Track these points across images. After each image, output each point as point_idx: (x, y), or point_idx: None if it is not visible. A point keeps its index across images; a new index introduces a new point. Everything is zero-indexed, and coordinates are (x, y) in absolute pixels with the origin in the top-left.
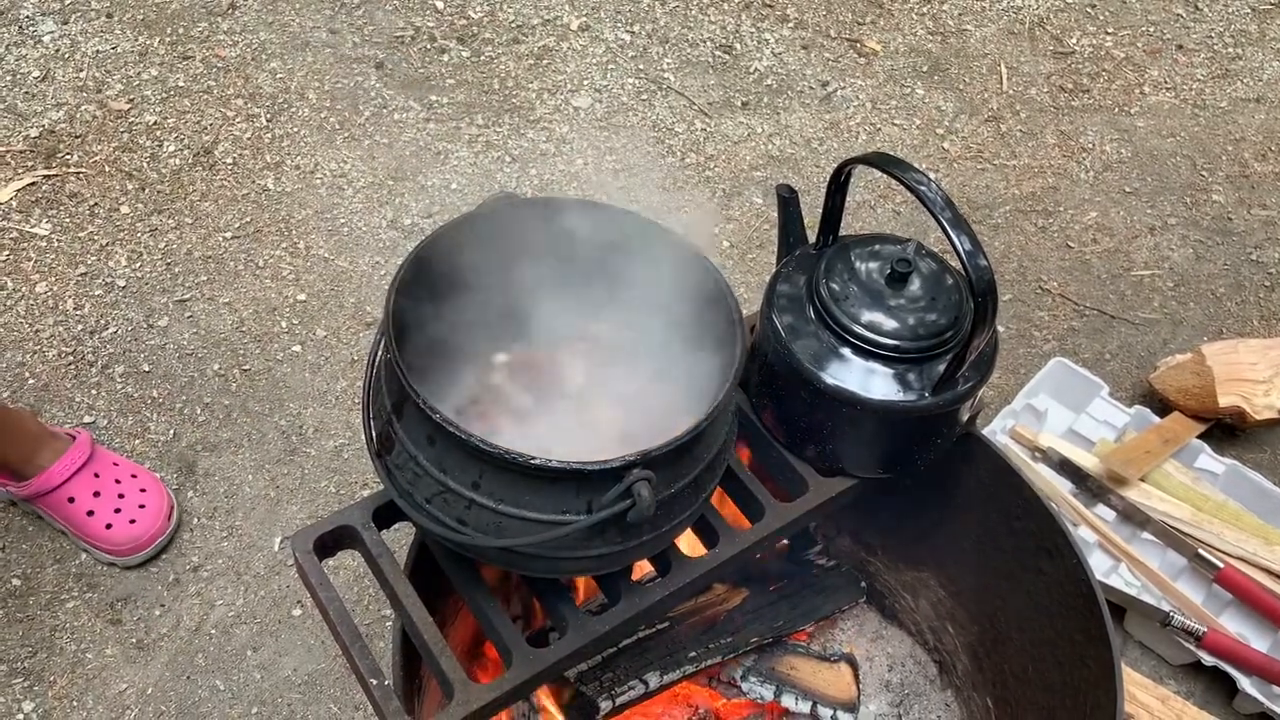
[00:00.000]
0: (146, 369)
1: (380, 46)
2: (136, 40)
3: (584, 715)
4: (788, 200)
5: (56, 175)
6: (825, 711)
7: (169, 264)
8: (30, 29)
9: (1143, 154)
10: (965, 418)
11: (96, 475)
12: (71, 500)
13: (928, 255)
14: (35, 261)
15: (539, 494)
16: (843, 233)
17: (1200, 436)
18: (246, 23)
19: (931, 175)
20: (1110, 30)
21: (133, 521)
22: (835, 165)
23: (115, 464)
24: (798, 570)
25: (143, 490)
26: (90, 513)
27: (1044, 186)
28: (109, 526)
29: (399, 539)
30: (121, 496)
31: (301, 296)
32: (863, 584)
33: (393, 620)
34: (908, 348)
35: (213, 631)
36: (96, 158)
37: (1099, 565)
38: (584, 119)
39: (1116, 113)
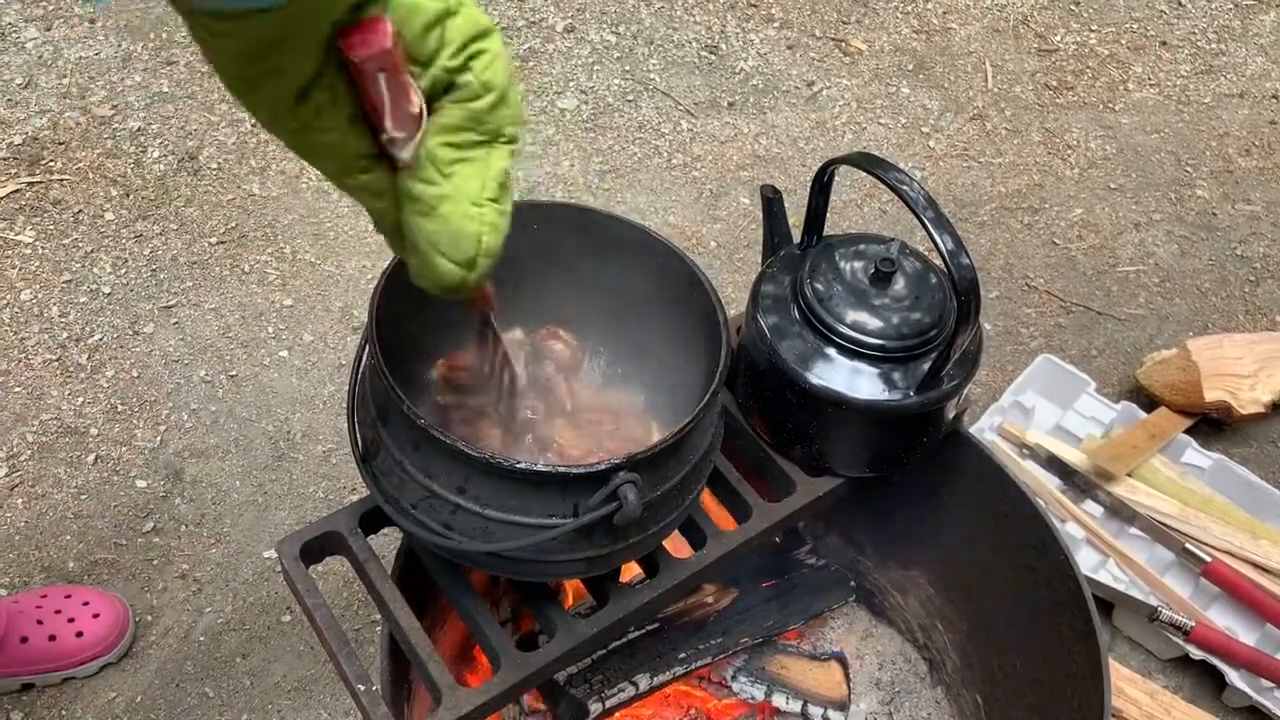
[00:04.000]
0: (133, 375)
1: None
2: (120, 46)
3: (574, 718)
4: (772, 201)
5: (40, 182)
6: (816, 711)
7: (154, 270)
8: (13, 35)
9: (1127, 150)
10: (951, 416)
11: (21, 612)
12: (25, 640)
13: (911, 254)
14: (20, 269)
15: (525, 498)
16: (828, 232)
17: (1187, 431)
18: None
19: (917, 174)
20: (1094, 27)
21: (96, 616)
22: (821, 164)
23: (40, 599)
24: (787, 570)
25: (85, 603)
26: (52, 637)
27: (1029, 184)
28: (80, 635)
29: (387, 544)
30: (58, 612)
31: (288, 301)
32: (852, 583)
33: (381, 626)
34: (892, 347)
35: (202, 639)
36: (80, 164)
37: (1087, 561)
38: (570, 120)
39: (1101, 109)
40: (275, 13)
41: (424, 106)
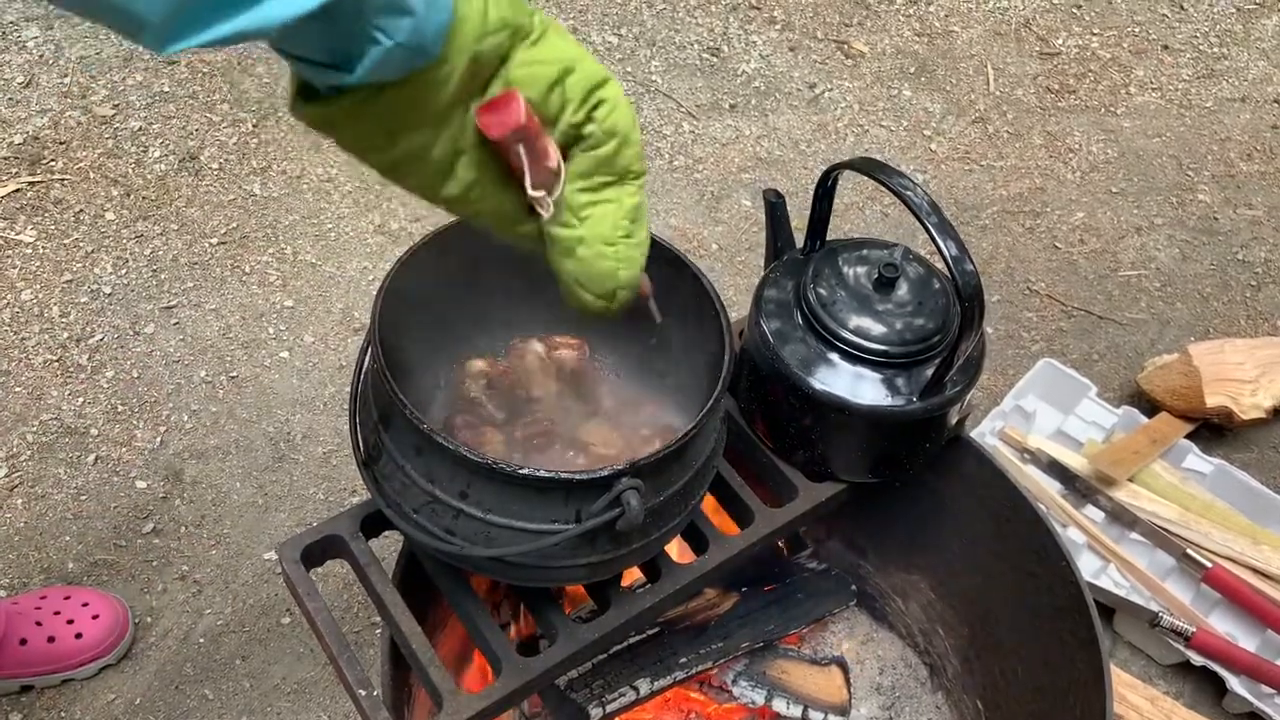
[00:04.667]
0: (133, 376)
1: None
2: (121, 45)
3: None
4: (775, 205)
5: (41, 182)
6: (816, 715)
7: (155, 270)
8: (14, 35)
9: (1129, 154)
10: (954, 421)
11: (20, 614)
12: (24, 642)
13: (914, 260)
14: (20, 269)
15: (527, 503)
16: (831, 236)
17: (1188, 436)
18: None
19: (919, 176)
20: (1096, 31)
21: (96, 617)
22: (824, 167)
23: (39, 600)
24: (788, 574)
25: (84, 604)
26: (51, 638)
27: (1031, 187)
28: (79, 636)
29: (388, 546)
30: (58, 613)
31: (289, 302)
32: (853, 587)
33: (381, 629)
34: (895, 352)
35: (201, 640)
36: (81, 164)
37: (1088, 566)
38: None
39: (1103, 113)
40: (376, 102)
41: (560, 160)
